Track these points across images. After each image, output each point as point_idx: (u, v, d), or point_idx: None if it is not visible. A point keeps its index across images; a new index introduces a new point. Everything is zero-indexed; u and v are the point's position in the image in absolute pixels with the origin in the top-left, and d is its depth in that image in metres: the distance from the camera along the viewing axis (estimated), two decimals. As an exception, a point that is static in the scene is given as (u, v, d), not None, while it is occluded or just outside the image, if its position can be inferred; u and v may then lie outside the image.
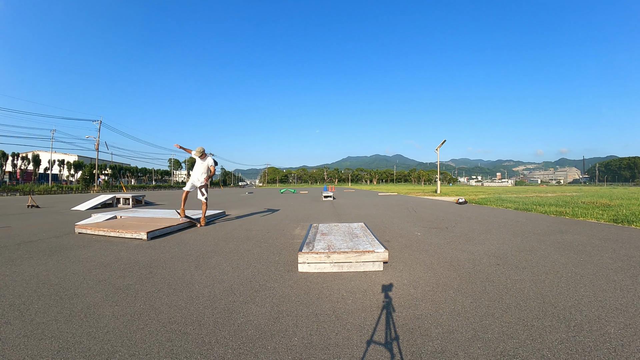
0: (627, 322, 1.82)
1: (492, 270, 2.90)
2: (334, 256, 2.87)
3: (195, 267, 3.07)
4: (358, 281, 2.62)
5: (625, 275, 2.70)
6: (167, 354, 1.52)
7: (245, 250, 3.84)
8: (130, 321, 1.88)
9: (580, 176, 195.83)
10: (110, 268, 3.06)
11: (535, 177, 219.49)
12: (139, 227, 4.88)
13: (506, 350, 1.53)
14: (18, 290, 2.43)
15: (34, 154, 50.47)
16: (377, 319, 1.90)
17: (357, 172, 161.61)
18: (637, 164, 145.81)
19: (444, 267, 3.00)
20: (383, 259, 2.90)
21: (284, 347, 1.59)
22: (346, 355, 1.51)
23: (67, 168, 56.41)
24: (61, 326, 1.81)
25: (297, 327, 1.81)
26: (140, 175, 67.94)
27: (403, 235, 4.80)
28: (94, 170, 41.26)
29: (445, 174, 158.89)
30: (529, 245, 4.01)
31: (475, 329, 1.75)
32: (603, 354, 1.49)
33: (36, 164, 49.29)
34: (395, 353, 1.52)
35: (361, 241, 3.35)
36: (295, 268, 2.98)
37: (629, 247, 3.86)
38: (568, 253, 3.55)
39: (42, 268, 3.08)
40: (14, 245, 4.23)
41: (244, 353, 1.54)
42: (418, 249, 3.81)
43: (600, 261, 3.19)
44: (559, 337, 1.66)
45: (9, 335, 1.70)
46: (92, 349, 1.57)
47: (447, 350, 1.54)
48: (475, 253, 3.58)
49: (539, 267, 3.00)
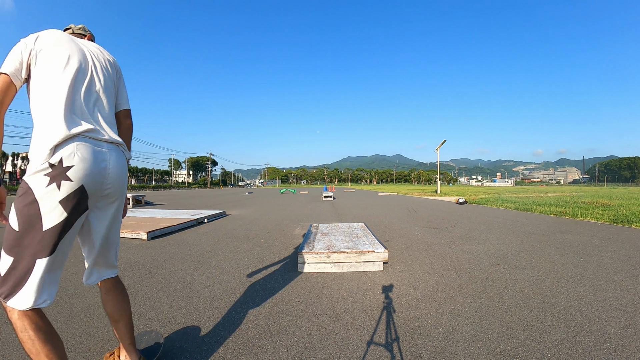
0: (627, 322, 1.82)
1: (492, 270, 2.90)
2: (334, 256, 2.87)
3: (195, 267, 3.07)
4: (358, 281, 2.62)
5: (625, 275, 2.70)
6: (167, 354, 1.52)
7: (246, 250, 3.85)
8: (130, 321, 1.88)
9: (580, 176, 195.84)
10: (110, 268, 3.06)
11: (535, 177, 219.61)
12: (139, 227, 4.88)
13: (506, 350, 1.53)
14: (18, 290, 2.43)
15: (34, 154, 50.50)
16: (377, 319, 1.90)
17: (357, 172, 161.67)
18: (637, 164, 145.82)
19: (444, 267, 3.00)
20: (383, 259, 2.90)
21: (284, 347, 1.59)
22: (346, 355, 1.51)
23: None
24: (61, 326, 1.81)
25: (297, 327, 1.81)
26: (140, 175, 67.96)
27: (403, 235, 4.80)
28: (94, 170, 41.27)
29: (445, 174, 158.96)
30: (529, 245, 4.02)
31: (475, 329, 1.75)
32: (603, 354, 1.49)
33: (36, 164, 49.30)
34: (395, 353, 1.52)
35: (361, 241, 3.35)
36: (295, 268, 2.98)
37: (629, 247, 3.86)
38: (568, 253, 3.55)
39: (42, 268, 3.08)
40: (14, 245, 4.23)
41: (244, 353, 1.54)
42: (418, 249, 3.81)
43: (600, 261, 3.19)
44: (559, 337, 1.66)
45: (9, 335, 1.70)
46: (92, 349, 1.57)
47: (447, 350, 1.54)
48: (475, 253, 3.58)
49: (539, 267, 3.00)
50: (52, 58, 1.08)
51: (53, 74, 1.06)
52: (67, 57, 1.10)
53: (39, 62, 1.06)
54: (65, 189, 0.96)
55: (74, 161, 0.99)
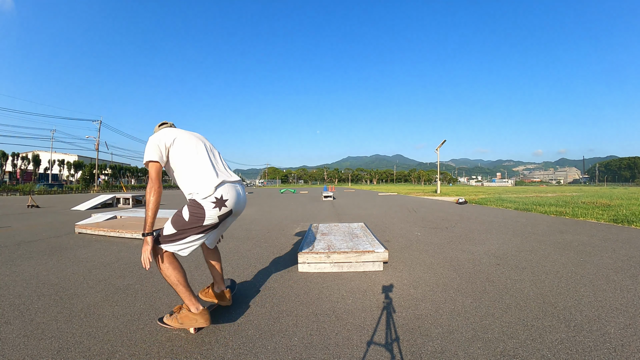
0: (627, 322, 1.82)
1: (492, 270, 2.90)
2: (334, 256, 2.87)
3: (195, 267, 3.07)
4: (358, 281, 2.62)
5: (625, 275, 2.70)
6: (167, 354, 1.52)
7: (246, 250, 3.85)
8: (130, 321, 1.88)
9: (580, 176, 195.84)
10: (110, 268, 3.06)
11: (535, 177, 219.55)
12: (139, 227, 4.88)
13: (506, 350, 1.53)
14: (18, 290, 2.43)
15: (34, 154, 50.46)
16: (377, 319, 1.90)
17: (357, 172, 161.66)
18: (637, 164, 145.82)
19: (444, 267, 3.00)
20: (383, 259, 2.90)
21: (284, 347, 1.59)
22: (346, 355, 1.51)
23: (67, 168, 56.39)
24: (61, 326, 1.81)
25: (297, 327, 1.81)
26: (140, 175, 67.93)
27: (403, 235, 4.80)
28: (94, 170, 41.26)
29: (445, 174, 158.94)
30: (529, 245, 4.02)
31: (475, 329, 1.75)
32: (603, 354, 1.49)
33: (36, 164, 49.28)
34: (395, 353, 1.52)
35: (361, 241, 3.35)
36: (295, 268, 2.98)
37: (629, 247, 3.86)
38: (568, 253, 3.55)
39: (42, 268, 3.08)
40: (14, 245, 4.24)
41: (244, 353, 1.54)
42: (418, 249, 3.81)
43: (600, 261, 3.19)
44: (559, 337, 1.66)
45: (9, 335, 1.70)
46: (92, 349, 1.57)
47: (447, 350, 1.54)
48: (475, 253, 3.58)
49: (539, 267, 3.00)
50: (185, 144, 1.77)
51: (192, 152, 1.76)
52: (196, 141, 1.83)
53: (175, 148, 1.74)
54: (223, 210, 1.71)
55: (228, 196, 1.72)
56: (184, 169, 1.73)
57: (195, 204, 1.66)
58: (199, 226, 1.66)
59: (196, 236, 1.69)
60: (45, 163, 52.01)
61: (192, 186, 1.69)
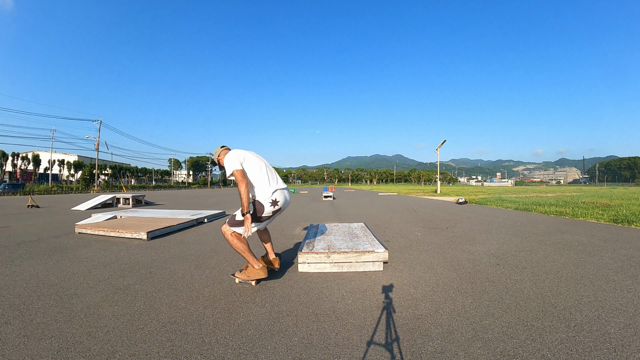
0: (627, 322, 1.82)
1: (492, 270, 2.90)
2: (334, 256, 2.87)
3: (196, 267, 3.07)
4: (358, 281, 2.62)
5: (625, 275, 2.70)
6: (167, 354, 1.52)
7: (245, 250, 3.84)
8: (130, 321, 1.88)
9: (580, 176, 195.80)
10: (110, 268, 3.06)
11: (535, 177, 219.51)
12: (139, 227, 4.88)
13: (506, 350, 1.53)
14: (18, 290, 2.43)
15: (34, 154, 50.44)
16: (377, 319, 1.90)
17: (357, 172, 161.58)
18: (637, 164, 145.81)
19: (444, 267, 3.00)
20: (383, 259, 2.90)
21: (284, 347, 1.59)
22: (346, 355, 1.51)
23: (67, 168, 56.38)
24: (61, 326, 1.81)
25: (297, 327, 1.81)
26: (140, 175, 67.91)
27: (403, 235, 4.80)
28: (94, 170, 41.24)
29: (445, 174, 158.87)
30: (529, 245, 4.02)
31: (475, 329, 1.75)
32: (603, 354, 1.49)
33: (36, 164, 49.27)
34: (395, 353, 1.52)
35: (361, 241, 3.35)
36: (295, 268, 2.98)
37: (629, 247, 3.86)
38: (568, 253, 3.55)
39: (42, 268, 3.08)
40: (14, 245, 4.24)
41: (244, 353, 1.54)
42: (418, 249, 3.81)
43: (600, 261, 3.19)
44: (559, 337, 1.66)
45: (9, 335, 1.70)
46: (92, 349, 1.57)
47: (447, 350, 1.54)
48: (475, 253, 3.58)
49: (539, 267, 3.00)
50: (252, 162, 2.50)
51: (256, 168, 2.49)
52: (258, 160, 2.56)
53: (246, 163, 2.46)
54: (275, 207, 2.47)
55: (279, 198, 2.49)
56: (252, 180, 2.47)
57: (258, 203, 2.44)
58: (259, 217, 2.43)
59: (255, 223, 2.44)
60: (45, 163, 51.98)
61: (257, 192, 2.46)
